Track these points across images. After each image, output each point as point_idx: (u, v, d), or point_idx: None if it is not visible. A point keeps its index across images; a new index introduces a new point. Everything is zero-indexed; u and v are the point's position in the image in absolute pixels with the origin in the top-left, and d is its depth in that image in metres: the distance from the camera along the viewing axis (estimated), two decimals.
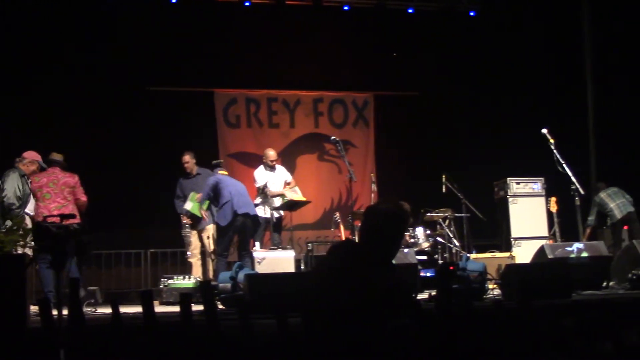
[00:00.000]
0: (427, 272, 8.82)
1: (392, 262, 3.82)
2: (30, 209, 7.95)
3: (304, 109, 12.62)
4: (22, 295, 4.94)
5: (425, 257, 9.61)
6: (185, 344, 3.85)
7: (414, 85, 12.55)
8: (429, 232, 9.94)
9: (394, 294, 3.59)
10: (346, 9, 12.30)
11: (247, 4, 11.85)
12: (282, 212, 9.90)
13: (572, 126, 11.46)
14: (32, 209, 7.92)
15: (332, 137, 9.68)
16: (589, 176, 11.54)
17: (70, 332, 4.00)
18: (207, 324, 3.92)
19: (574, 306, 6.25)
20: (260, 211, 9.40)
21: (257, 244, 9.15)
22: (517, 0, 12.27)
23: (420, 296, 7.48)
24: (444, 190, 10.29)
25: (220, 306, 6.88)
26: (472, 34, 12.43)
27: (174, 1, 11.51)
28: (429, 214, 10.11)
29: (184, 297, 4.03)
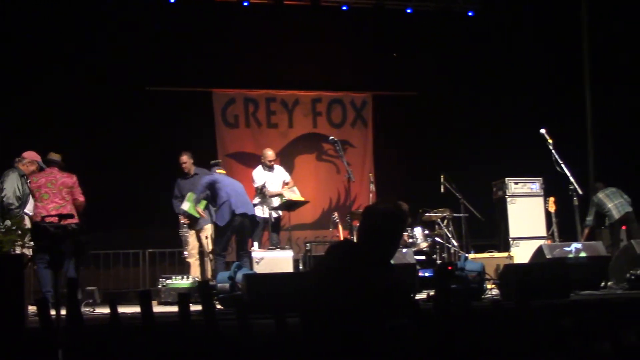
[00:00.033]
0: (425, 272, 8.83)
1: (390, 262, 3.82)
2: (29, 209, 7.94)
3: (302, 109, 12.61)
4: (20, 295, 4.94)
5: (423, 257, 9.61)
6: (183, 344, 3.84)
7: (412, 85, 12.55)
8: (427, 232, 9.95)
9: (392, 294, 3.59)
10: (345, 9, 12.29)
11: (245, 4, 11.83)
12: (280, 212, 9.90)
13: (570, 126, 11.46)
14: (31, 209, 7.92)
15: (331, 137, 9.68)
16: (587, 176, 11.56)
17: (68, 332, 4.00)
18: (205, 324, 3.92)
19: (572, 306, 6.25)
20: (258, 211, 9.41)
21: (256, 244, 9.15)
22: (516, 0, 12.27)
23: (418, 296, 7.48)
24: (443, 190, 10.29)
25: (218, 306, 6.88)
26: (470, 34, 12.43)
27: (172, 1, 11.50)
28: (427, 214, 10.12)
29: (182, 297, 4.03)
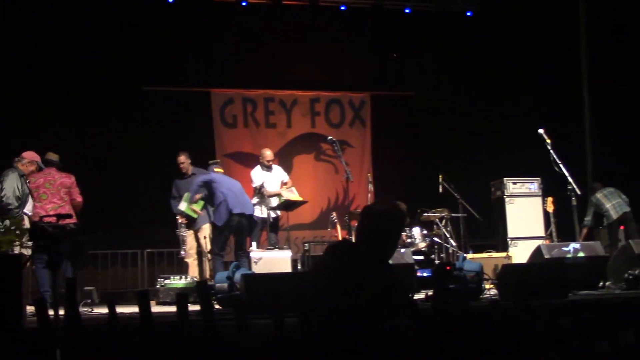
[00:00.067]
0: (423, 272, 8.82)
1: (388, 262, 3.83)
2: (28, 209, 7.92)
3: (300, 109, 12.61)
4: (19, 295, 4.93)
5: (422, 257, 9.62)
6: (181, 344, 3.84)
7: (410, 85, 12.55)
8: (425, 232, 9.95)
9: (390, 294, 3.59)
10: (343, 9, 12.29)
11: (244, 4, 11.82)
12: (278, 212, 9.90)
13: (568, 126, 11.47)
14: (30, 209, 7.90)
15: (329, 137, 9.68)
16: (585, 176, 11.57)
17: (66, 332, 3.99)
18: (203, 324, 3.92)
19: (571, 306, 6.25)
20: (257, 211, 9.40)
21: (254, 244, 9.15)
22: (514, 0, 12.27)
23: (417, 296, 7.47)
24: (441, 190, 10.29)
25: (217, 306, 6.88)
26: (469, 34, 12.43)
27: (170, 1, 11.50)
28: (425, 214, 10.12)
29: (181, 297, 4.03)
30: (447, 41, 12.43)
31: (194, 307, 5.10)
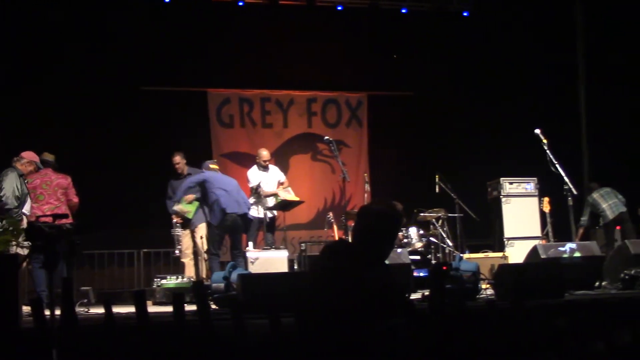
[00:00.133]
0: (420, 272, 8.83)
1: (385, 262, 3.83)
2: (26, 209, 7.89)
3: (297, 109, 12.60)
4: (15, 295, 4.92)
5: (418, 257, 9.62)
6: (178, 344, 3.84)
7: (407, 85, 12.55)
8: (422, 232, 9.95)
9: (387, 294, 3.59)
10: (340, 9, 12.28)
11: (240, 4, 11.81)
12: (275, 212, 9.89)
13: (565, 126, 11.49)
14: (28, 209, 7.87)
15: (326, 137, 9.69)
16: (581, 176, 11.60)
17: (62, 332, 3.99)
18: (200, 324, 3.92)
19: (567, 306, 6.26)
20: (253, 211, 9.40)
21: (250, 244, 9.14)
22: (510, 0, 12.29)
23: (413, 296, 7.48)
24: (437, 190, 10.30)
25: (213, 306, 6.87)
26: (465, 34, 12.44)
27: (167, 1, 11.48)
28: (422, 214, 10.12)
29: (177, 297, 4.03)
30: (443, 41, 12.43)
31: (190, 307, 5.10)
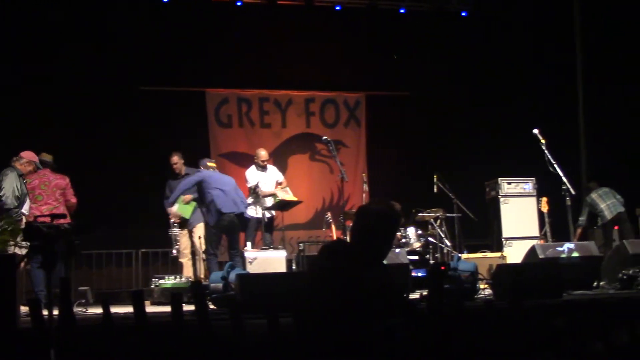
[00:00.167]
0: (418, 272, 8.82)
1: (383, 262, 3.83)
2: (25, 209, 7.88)
3: (295, 109, 12.60)
4: (13, 295, 4.92)
5: (416, 257, 9.61)
6: (176, 344, 3.84)
7: (405, 85, 12.56)
8: (420, 232, 9.95)
9: (385, 293, 3.59)
10: (338, 9, 12.28)
11: (239, 4, 11.81)
12: (273, 212, 9.89)
13: (563, 127, 11.49)
14: (27, 209, 7.85)
15: (324, 137, 9.68)
16: (579, 176, 11.59)
17: (60, 332, 3.99)
18: (198, 324, 3.92)
19: (565, 306, 6.27)
20: (251, 211, 9.40)
21: (249, 244, 9.14)
22: (509, 0, 12.29)
23: (411, 296, 7.48)
24: (436, 190, 10.30)
25: (211, 306, 6.87)
26: (464, 34, 12.45)
27: (165, 1, 11.48)
28: (420, 214, 10.12)
29: (175, 297, 4.02)
30: (442, 41, 12.44)
31: (188, 307, 5.10)
